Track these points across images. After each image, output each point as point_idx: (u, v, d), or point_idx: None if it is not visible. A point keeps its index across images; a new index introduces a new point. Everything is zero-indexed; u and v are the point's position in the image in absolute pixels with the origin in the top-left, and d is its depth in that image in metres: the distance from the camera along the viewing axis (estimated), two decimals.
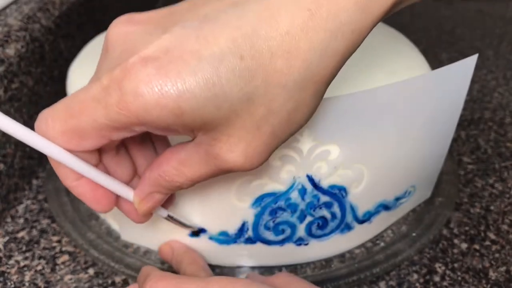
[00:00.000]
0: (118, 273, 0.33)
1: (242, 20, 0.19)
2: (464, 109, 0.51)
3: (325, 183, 0.30)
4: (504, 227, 0.37)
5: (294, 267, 0.33)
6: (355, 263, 0.33)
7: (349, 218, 0.32)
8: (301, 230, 0.32)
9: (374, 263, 0.33)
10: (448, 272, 0.33)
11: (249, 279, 0.24)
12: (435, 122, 0.31)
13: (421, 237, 0.34)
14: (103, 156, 0.24)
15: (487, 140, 0.47)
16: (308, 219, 0.31)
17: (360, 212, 0.32)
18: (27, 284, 0.33)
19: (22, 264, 0.34)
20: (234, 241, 0.32)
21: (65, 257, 0.35)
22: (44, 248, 0.35)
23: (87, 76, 0.22)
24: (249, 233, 0.31)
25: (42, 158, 0.43)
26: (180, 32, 0.19)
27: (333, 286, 0.31)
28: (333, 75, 0.21)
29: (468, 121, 0.49)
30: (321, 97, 0.21)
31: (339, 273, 0.32)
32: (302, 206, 0.30)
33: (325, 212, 0.31)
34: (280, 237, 0.32)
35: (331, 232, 0.32)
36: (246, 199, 0.30)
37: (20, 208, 0.39)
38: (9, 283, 0.32)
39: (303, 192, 0.30)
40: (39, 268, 0.34)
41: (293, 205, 0.30)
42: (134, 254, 0.34)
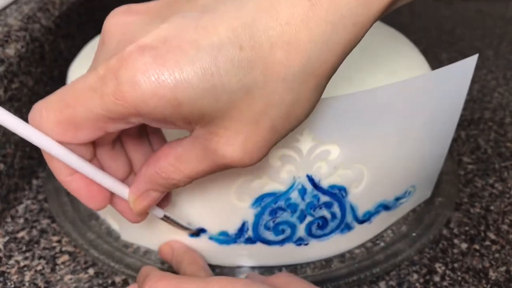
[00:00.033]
0: (118, 273, 0.33)
1: (242, 10, 0.18)
2: (464, 109, 0.51)
3: (325, 183, 0.30)
4: (504, 227, 0.37)
5: (294, 267, 0.33)
6: (355, 263, 0.33)
7: (349, 218, 0.32)
8: (301, 230, 0.32)
9: (374, 263, 0.33)
10: (448, 272, 0.33)
11: (249, 279, 0.24)
12: (435, 122, 0.31)
13: (421, 237, 0.34)
14: (98, 150, 0.23)
15: (487, 140, 0.47)
16: (308, 219, 0.31)
17: (360, 212, 0.32)
18: (27, 284, 0.33)
19: (22, 264, 0.34)
20: (234, 241, 0.32)
21: (65, 257, 0.34)
22: (44, 248, 0.35)
23: None
24: (249, 233, 0.31)
25: (42, 158, 0.43)
26: (179, 22, 0.19)
27: (333, 286, 0.32)
28: (334, 69, 0.20)
29: (468, 121, 0.49)
30: (321, 91, 0.21)
31: (339, 273, 0.32)
32: (302, 206, 0.30)
33: (325, 212, 0.31)
34: (280, 237, 0.32)
35: (331, 232, 0.32)
36: (246, 199, 0.30)
37: (20, 208, 0.39)
38: (9, 283, 0.32)
39: (303, 192, 0.30)
40: (39, 268, 0.34)
41: (293, 205, 0.30)
42: (134, 254, 0.34)
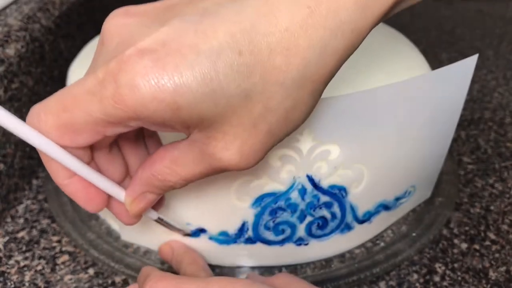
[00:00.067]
0: (118, 273, 0.33)
1: (240, 15, 0.18)
2: (464, 109, 0.51)
3: (325, 183, 0.30)
4: (504, 227, 0.37)
5: (294, 267, 0.33)
6: (355, 263, 0.33)
7: (349, 218, 0.32)
8: (301, 230, 0.32)
9: (374, 263, 0.33)
10: (448, 272, 0.33)
11: (249, 280, 0.24)
12: (435, 122, 0.31)
13: (421, 237, 0.34)
14: (95, 153, 0.23)
15: (487, 140, 0.47)
16: (308, 219, 0.31)
17: (360, 212, 0.32)
18: (27, 284, 0.33)
19: (22, 264, 0.34)
20: (234, 241, 0.32)
21: (65, 257, 0.34)
22: (44, 248, 0.35)
23: None
24: (249, 233, 0.31)
25: None
26: (179, 26, 0.19)
27: (333, 286, 0.31)
28: (332, 74, 0.20)
29: (468, 121, 0.49)
30: (319, 96, 0.21)
31: (339, 273, 0.32)
32: (302, 206, 0.30)
33: (325, 212, 0.31)
34: (280, 237, 0.32)
35: (331, 232, 0.32)
36: (246, 199, 0.30)
37: (20, 208, 0.39)
38: (9, 283, 0.32)
39: (303, 192, 0.30)
40: (39, 268, 0.34)
41: (293, 205, 0.30)
42: (134, 254, 0.34)
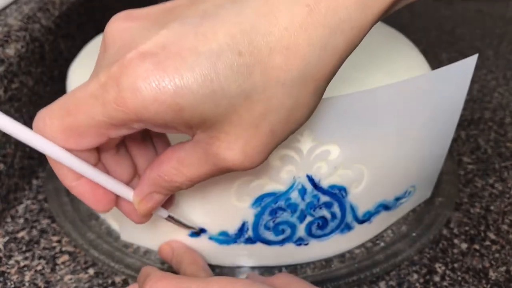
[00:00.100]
0: (118, 273, 0.33)
1: (240, 16, 0.19)
2: (464, 109, 0.51)
3: (325, 183, 0.30)
4: (504, 227, 0.37)
5: (294, 267, 0.33)
6: (355, 263, 0.33)
7: (349, 218, 0.32)
8: (301, 230, 0.32)
9: (374, 263, 0.33)
10: (448, 272, 0.33)
11: (249, 280, 0.24)
12: (435, 122, 0.31)
13: (421, 237, 0.34)
14: (102, 155, 0.23)
15: (487, 140, 0.47)
16: (308, 219, 0.31)
17: (360, 212, 0.32)
18: (27, 284, 0.33)
19: (22, 264, 0.34)
20: (234, 241, 0.32)
21: (65, 257, 0.34)
22: (44, 248, 0.35)
23: (87, 76, 0.21)
24: (249, 233, 0.31)
25: (42, 158, 0.43)
26: (179, 29, 0.19)
27: (333, 286, 0.31)
28: (333, 73, 0.20)
29: (468, 121, 0.49)
30: (321, 95, 0.21)
31: (339, 273, 0.32)
32: (302, 206, 0.30)
33: (325, 212, 0.31)
34: (280, 237, 0.32)
35: (331, 232, 0.32)
36: (246, 199, 0.30)
37: (20, 208, 0.39)
38: (9, 283, 0.32)
39: (303, 192, 0.30)
40: (39, 268, 0.34)
41: (293, 205, 0.30)
42: (134, 254, 0.34)
